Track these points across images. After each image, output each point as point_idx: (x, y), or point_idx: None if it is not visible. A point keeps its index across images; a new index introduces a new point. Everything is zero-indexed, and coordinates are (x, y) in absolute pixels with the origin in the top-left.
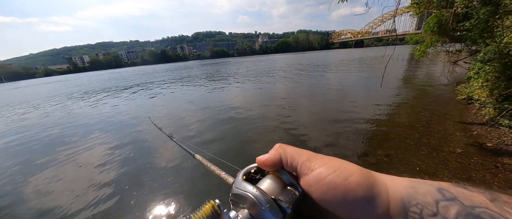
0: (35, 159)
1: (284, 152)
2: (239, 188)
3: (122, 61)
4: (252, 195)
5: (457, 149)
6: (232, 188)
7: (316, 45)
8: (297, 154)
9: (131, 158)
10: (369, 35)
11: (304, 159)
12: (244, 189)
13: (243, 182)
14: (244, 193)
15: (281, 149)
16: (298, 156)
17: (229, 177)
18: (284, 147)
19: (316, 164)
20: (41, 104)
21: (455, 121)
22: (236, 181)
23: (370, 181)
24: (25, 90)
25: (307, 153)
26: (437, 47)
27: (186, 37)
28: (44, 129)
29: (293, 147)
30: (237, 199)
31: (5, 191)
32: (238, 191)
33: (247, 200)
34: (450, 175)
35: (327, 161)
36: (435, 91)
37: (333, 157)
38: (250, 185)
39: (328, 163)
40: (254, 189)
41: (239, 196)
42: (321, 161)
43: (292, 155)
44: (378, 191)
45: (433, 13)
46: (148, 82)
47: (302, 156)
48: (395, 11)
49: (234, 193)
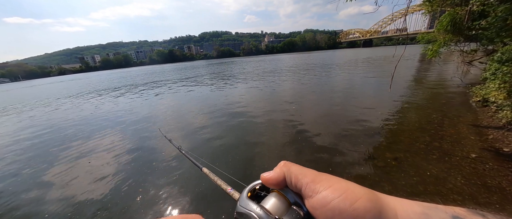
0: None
1: (288, 171)
2: (243, 206)
3: (131, 60)
4: (255, 214)
5: (471, 154)
6: (236, 206)
7: (323, 45)
8: (301, 174)
9: (136, 163)
10: (378, 34)
11: (308, 180)
12: (248, 208)
13: (247, 200)
14: (248, 212)
15: (285, 168)
16: (303, 177)
17: (235, 192)
18: (288, 165)
19: (321, 186)
20: (52, 102)
21: (469, 124)
22: (241, 198)
23: (378, 206)
24: (40, 87)
25: (312, 174)
26: (450, 46)
27: (193, 37)
28: (54, 131)
29: (298, 166)
30: (241, 218)
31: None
32: (243, 209)
33: None
34: (463, 181)
35: (333, 183)
36: (447, 92)
37: (340, 179)
38: (254, 204)
39: (334, 186)
40: (258, 208)
41: (244, 215)
42: (326, 183)
43: (296, 176)
44: (386, 218)
45: (446, 11)
46: (156, 81)
47: (306, 177)
48: (406, 10)
49: (238, 212)
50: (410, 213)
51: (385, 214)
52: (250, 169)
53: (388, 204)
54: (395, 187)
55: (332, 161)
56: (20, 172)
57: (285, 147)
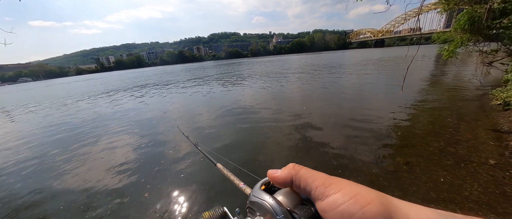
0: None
1: (296, 175)
2: (256, 196)
3: (143, 61)
4: (268, 203)
5: (490, 160)
6: (250, 195)
7: (333, 45)
8: (311, 177)
9: (153, 157)
10: (390, 34)
11: (318, 183)
12: (261, 197)
13: (261, 191)
14: (260, 201)
15: (294, 171)
16: (312, 180)
17: (247, 188)
18: (297, 169)
19: (331, 190)
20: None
21: (488, 129)
22: (254, 189)
23: (389, 211)
24: (60, 86)
25: (322, 177)
26: (468, 46)
27: (202, 38)
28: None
29: (307, 169)
30: (254, 207)
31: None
32: (255, 199)
33: (263, 208)
34: (480, 189)
35: (344, 186)
36: (464, 95)
37: (352, 182)
38: (267, 194)
39: (344, 189)
40: (270, 199)
41: (256, 204)
42: (337, 186)
43: (305, 179)
44: None
45: (464, 9)
46: (168, 81)
47: (316, 181)
48: (420, 8)
49: (251, 201)
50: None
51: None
52: (262, 168)
53: (400, 209)
54: (406, 192)
55: (340, 164)
56: (44, 159)
57: (294, 149)
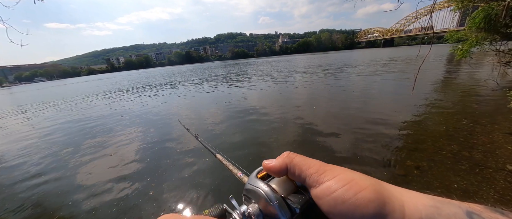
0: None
1: (291, 163)
2: (252, 183)
3: (151, 61)
4: (262, 191)
5: (508, 166)
6: (245, 184)
7: (340, 45)
8: (305, 165)
9: (156, 151)
10: (400, 33)
11: (313, 171)
12: (256, 185)
13: (256, 179)
14: (255, 189)
15: (288, 159)
16: (307, 168)
17: (245, 176)
18: (292, 157)
19: (326, 177)
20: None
21: (506, 133)
22: (250, 177)
23: (383, 197)
24: (74, 86)
25: (317, 164)
26: (484, 46)
27: (208, 38)
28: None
29: (302, 156)
30: (249, 194)
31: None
32: (251, 186)
33: (258, 195)
34: (496, 196)
35: (339, 173)
36: (480, 96)
37: (346, 169)
38: (262, 182)
39: (339, 176)
40: (265, 186)
41: (251, 191)
42: (331, 173)
43: (300, 167)
44: (392, 209)
45: (479, 7)
46: (176, 81)
47: (311, 168)
48: (432, 6)
49: (247, 189)
50: (419, 205)
51: (390, 204)
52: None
53: (395, 195)
54: None
55: (347, 166)
56: (58, 154)
57: (299, 149)
